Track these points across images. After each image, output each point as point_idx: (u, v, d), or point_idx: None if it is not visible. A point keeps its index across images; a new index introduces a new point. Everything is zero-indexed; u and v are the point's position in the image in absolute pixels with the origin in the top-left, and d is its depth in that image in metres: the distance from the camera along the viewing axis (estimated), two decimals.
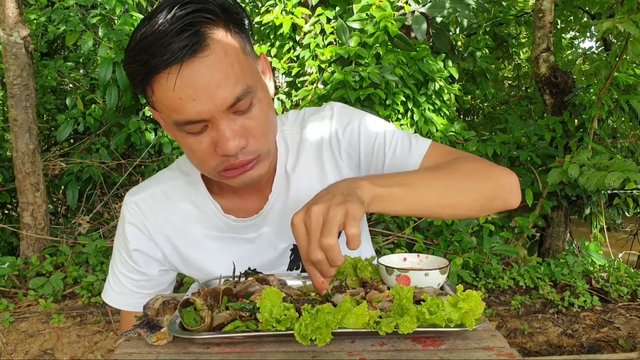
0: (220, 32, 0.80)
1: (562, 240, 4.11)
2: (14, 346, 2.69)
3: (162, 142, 3.88)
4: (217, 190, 1.03)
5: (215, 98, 0.78)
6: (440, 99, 4.19)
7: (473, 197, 0.89)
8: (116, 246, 1.07)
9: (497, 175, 0.93)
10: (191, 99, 0.78)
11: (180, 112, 0.79)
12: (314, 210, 0.73)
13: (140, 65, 0.78)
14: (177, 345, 0.72)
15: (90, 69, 5.28)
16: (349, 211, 0.73)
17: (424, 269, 0.82)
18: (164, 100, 0.80)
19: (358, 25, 3.95)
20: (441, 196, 0.86)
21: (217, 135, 0.82)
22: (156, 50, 0.76)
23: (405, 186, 0.83)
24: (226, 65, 0.79)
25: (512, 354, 0.68)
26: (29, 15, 4.42)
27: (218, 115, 0.80)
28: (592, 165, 3.42)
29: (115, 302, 1.09)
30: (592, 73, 4.17)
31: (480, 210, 0.91)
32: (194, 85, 0.77)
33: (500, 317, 3.07)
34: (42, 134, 4.60)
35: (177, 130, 0.83)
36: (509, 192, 0.93)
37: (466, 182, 0.89)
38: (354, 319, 0.70)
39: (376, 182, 0.80)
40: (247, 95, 0.81)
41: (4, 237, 3.98)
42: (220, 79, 0.78)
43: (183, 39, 0.75)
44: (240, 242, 1.05)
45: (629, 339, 2.87)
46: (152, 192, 1.04)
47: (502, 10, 6.13)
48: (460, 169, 0.91)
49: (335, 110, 1.04)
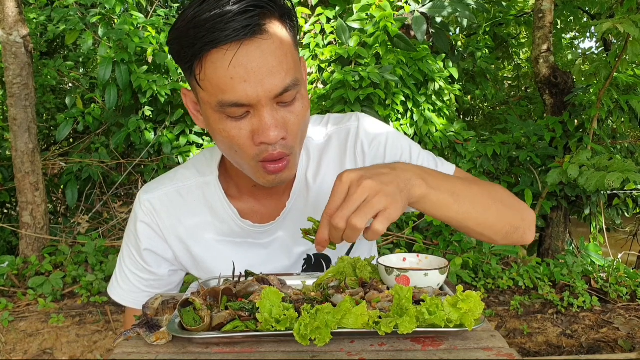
0: (277, 23, 0.81)
1: (561, 240, 4.11)
2: (13, 345, 2.69)
3: (161, 141, 3.87)
4: (234, 193, 1.01)
5: (265, 83, 0.78)
6: (440, 99, 4.19)
7: (503, 222, 0.91)
8: (126, 243, 1.06)
9: (522, 207, 0.96)
10: (242, 80, 0.77)
11: (228, 92, 0.78)
12: (365, 184, 0.73)
13: (194, 40, 0.77)
14: (176, 345, 0.72)
15: (90, 68, 5.28)
16: (389, 209, 0.73)
17: (423, 269, 0.82)
18: (213, 78, 0.78)
19: (358, 25, 3.95)
20: (480, 215, 0.87)
21: (259, 123, 0.81)
22: (216, 26, 0.75)
23: (454, 196, 0.83)
24: (281, 54, 0.80)
25: (512, 355, 0.68)
26: (28, 15, 4.42)
27: (264, 102, 0.79)
28: (592, 165, 3.42)
29: (122, 299, 1.07)
30: (592, 73, 4.17)
31: (504, 237, 0.93)
32: (247, 66, 0.77)
33: (500, 318, 3.07)
34: (41, 133, 4.59)
35: (217, 112, 0.82)
36: (529, 227, 0.96)
37: (501, 207, 0.91)
38: (353, 319, 0.70)
39: (431, 184, 0.80)
40: (294, 88, 0.82)
41: (3, 237, 3.98)
42: (274, 66, 0.78)
43: (245, 19, 0.76)
44: (254, 247, 1.04)
45: (628, 339, 2.87)
46: (166, 191, 1.02)
47: (502, 11, 6.13)
48: (497, 192, 0.93)
49: (362, 122, 1.03)
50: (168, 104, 3.94)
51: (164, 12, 4.44)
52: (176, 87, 3.80)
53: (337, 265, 0.91)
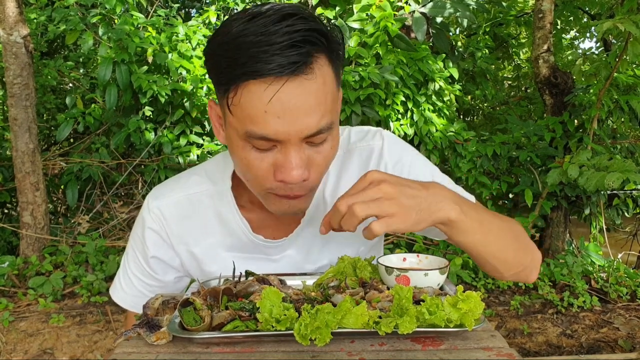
0: (323, 59, 0.76)
1: (561, 240, 4.11)
2: (14, 345, 2.69)
3: (162, 141, 3.87)
4: (247, 204, 0.98)
5: (299, 124, 0.74)
6: (440, 99, 4.19)
7: (517, 260, 0.91)
8: (132, 247, 1.03)
9: (532, 248, 0.96)
10: (276, 116, 0.73)
11: (259, 125, 0.74)
12: (384, 186, 0.73)
13: (235, 64, 0.72)
14: (176, 344, 0.72)
15: (90, 68, 5.28)
16: (395, 217, 0.72)
17: (423, 269, 0.82)
18: (247, 108, 0.74)
19: (358, 25, 3.95)
20: (499, 249, 0.86)
21: (283, 160, 0.77)
22: (261, 55, 0.70)
23: (482, 227, 0.82)
24: (321, 95, 0.75)
25: (512, 354, 0.68)
26: (29, 15, 4.42)
27: (294, 141, 0.76)
28: (592, 165, 3.42)
29: (124, 302, 1.06)
30: (592, 73, 4.17)
31: (514, 274, 0.92)
32: (285, 104, 0.73)
33: (500, 318, 3.07)
34: (42, 133, 4.59)
35: (242, 140, 0.78)
36: (535, 268, 0.96)
37: (517, 245, 0.91)
38: (353, 319, 0.70)
39: (464, 211, 0.78)
40: (327, 131, 0.78)
41: (3, 237, 3.98)
42: (312, 107, 0.74)
43: (293, 54, 0.71)
44: (263, 261, 1.01)
45: (628, 339, 2.88)
46: (177, 199, 0.98)
47: (502, 11, 6.13)
48: (516, 230, 0.92)
49: (387, 142, 0.99)
50: (168, 104, 3.94)
51: (164, 12, 4.45)
52: (176, 87, 3.80)
53: (337, 265, 0.91)
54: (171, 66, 3.82)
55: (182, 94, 3.86)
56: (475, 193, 4.13)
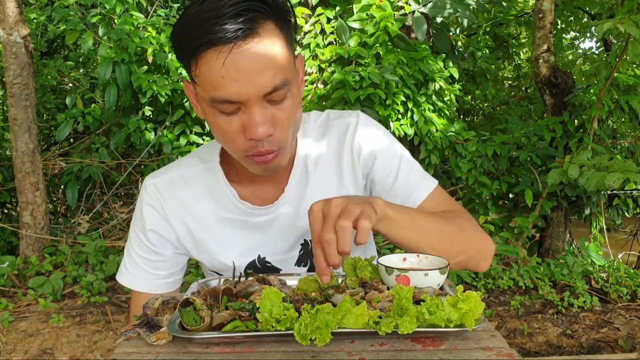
0: (270, 24, 0.85)
1: (561, 240, 4.11)
2: (14, 345, 2.69)
3: (162, 141, 3.88)
4: (235, 177, 1.07)
5: (255, 83, 0.83)
6: (440, 99, 4.19)
7: (456, 250, 0.98)
8: (133, 228, 1.11)
9: (480, 240, 1.04)
10: (232, 79, 0.82)
11: (219, 90, 0.84)
12: (334, 201, 0.81)
13: (191, 39, 0.83)
14: (176, 344, 0.72)
15: (90, 68, 5.28)
16: (365, 210, 0.80)
17: (423, 269, 0.82)
18: (207, 76, 0.84)
19: (358, 25, 3.95)
20: (434, 239, 0.94)
21: (248, 119, 0.86)
22: (211, 28, 0.80)
23: (411, 218, 0.91)
24: (270, 55, 0.84)
25: (512, 354, 0.68)
26: (29, 15, 4.42)
27: (253, 100, 0.85)
28: (592, 165, 3.42)
29: (129, 283, 1.11)
30: (592, 73, 4.18)
31: (457, 263, 0.99)
32: (238, 67, 0.82)
33: (500, 318, 3.07)
34: (41, 133, 4.59)
35: (210, 107, 0.88)
36: (484, 259, 1.04)
37: (456, 236, 0.99)
38: (353, 319, 0.70)
39: (389, 205, 0.88)
40: (283, 87, 0.86)
41: (3, 237, 3.98)
42: (263, 67, 0.83)
43: (239, 22, 0.81)
44: (252, 229, 1.08)
45: (628, 339, 2.88)
46: (171, 176, 1.08)
47: (502, 11, 6.14)
48: (455, 223, 1.01)
49: (362, 119, 1.10)
50: (168, 104, 3.94)
51: (164, 12, 4.44)
52: (176, 87, 3.80)
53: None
54: (171, 66, 3.83)
55: (182, 93, 3.86)
56: (475, 193, 4.13)
